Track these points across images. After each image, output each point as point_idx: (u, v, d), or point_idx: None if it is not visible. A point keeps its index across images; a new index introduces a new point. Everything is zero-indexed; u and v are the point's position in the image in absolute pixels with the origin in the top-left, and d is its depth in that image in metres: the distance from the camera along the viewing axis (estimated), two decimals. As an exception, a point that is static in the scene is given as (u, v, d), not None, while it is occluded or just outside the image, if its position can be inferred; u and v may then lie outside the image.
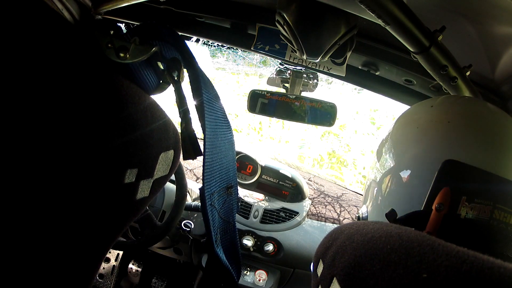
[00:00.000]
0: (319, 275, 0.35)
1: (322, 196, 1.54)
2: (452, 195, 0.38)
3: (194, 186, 1.37)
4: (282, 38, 0.58)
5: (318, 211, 1.43)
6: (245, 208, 1.33)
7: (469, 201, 0.37)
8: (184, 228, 1.19)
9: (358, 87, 0.88)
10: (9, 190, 0.31)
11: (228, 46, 0.79)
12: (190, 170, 1.53)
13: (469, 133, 0.42)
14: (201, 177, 0.47)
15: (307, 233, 1.30)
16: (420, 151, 0.44)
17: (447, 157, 0.40)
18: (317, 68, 0.71)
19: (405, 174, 0.45)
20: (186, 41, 0.60)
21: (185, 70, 0.47)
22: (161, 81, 0.50)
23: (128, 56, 0.41)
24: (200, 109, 0.45)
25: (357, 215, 0.59)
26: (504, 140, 0.42)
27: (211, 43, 0.93)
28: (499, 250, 0.37)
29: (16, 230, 0.33)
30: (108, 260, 1.57)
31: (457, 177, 0.39)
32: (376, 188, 0.51)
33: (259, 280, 1.21)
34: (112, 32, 0.40)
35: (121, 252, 1.55)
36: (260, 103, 0.91)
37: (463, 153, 0.40)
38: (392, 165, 0.47)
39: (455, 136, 0.42)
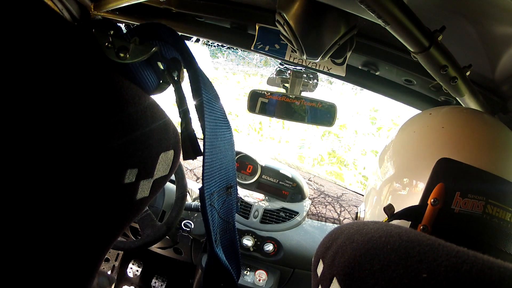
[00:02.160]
0: (319, 275, 0.35)
1: (322, 196, 1.54)
2: (447, 191, 0.40)
3: (194, 186, 1.37)
4: (282, 38, 0.58)
5: (318, 211, 1.43)
6: (245, 208, 1.33)
7: (462, 196, 0.39)
8: (184, 228, 1.20)
9: (358, 87, 0.88)
10: (7, 190, 0.31)
11: (228, 46, 0.79)
12: (190, 170, 1.53)
13: (462, 138, 0.44)
14: (201, 177, 0.47)
15: (307, 233, 1.30)
16: (415, 153, 0.46)
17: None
18: (317, 68, 0.71)
19: (403, 183, 0.46)
20: (186, 41, 0.60)
21: (185, 70, 0.47)
22: (161, 81, 0.50)
23: (128, 56, 0.41)
24: (200, 109, 0.45)
25: (357, 211, 0.61)
26: (496, 144, 0.44)
27: (211, 43, 0.93)
28: (492, 244, 0.39)
29: (15, 230, 0.33)
30: (108, 260, 1.57)
31: (451, 174, 0.41)
32: (375, 197, 0.52)
33: (259, 280, 1.21)
34: (112, 32, 0.40)
35: (121, 252, 1.56)
36: (260, 103, 0.91)
37: (455, 155, 0.42)
38: (392, 172, 0.49)
39: (448, 140, 0.44)
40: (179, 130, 0.48)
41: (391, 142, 0.53)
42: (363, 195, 1.59)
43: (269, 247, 1.22)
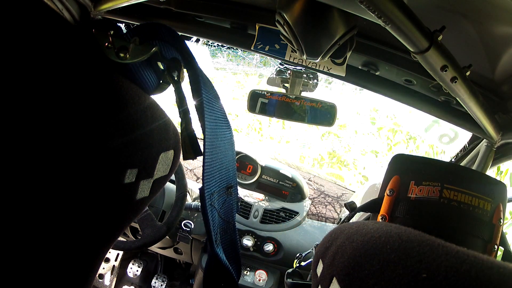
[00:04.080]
0: (319, 275, 0.35)
1: (322, 196, 1.54)
2: (401, 182, 0.43)
3: (194, 186, 1.37)
4: (282, 38, 0.58)
5: (318, 211, 1.43)
6: (245, 208, 1.33)
7: (417, 185, 0.42)
8: (184, 228, 1.20)
9: (358, 87, 0.88)
10: (9, 190, 0.31)
11: (228, 46, 0.79)
12: (190, 170, 1.53)
13: None
14: (201, 177, 0.47)
15: (307, 233, 1.30)
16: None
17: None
18: (317, 68, 0.71)
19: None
20: (186, 41, 0.60)
21: (185, 70, 0.47)
22: (161, 81, 0.50)
23: (128, 56, 0.41)
24: (200, 109, 0.45)
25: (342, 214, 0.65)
26: None
27: (211, 43, 0.93)
28: (456, 226, 0.40)
29: (16, 230, 0.33)
30: (108, 260, 1.57)
31: (404, 166, 0.44)
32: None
33: (259, 280, 1.21)
34: (112, 32, 0.40)
35: (121, 252, 1.55)
36: (260, 103, 0.91)
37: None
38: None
39: None
40: (179, 130, 0.48)
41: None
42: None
43: (269, 247, 1.22)
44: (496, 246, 0.41)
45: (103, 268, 1.56)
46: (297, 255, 0.80)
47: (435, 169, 0.42)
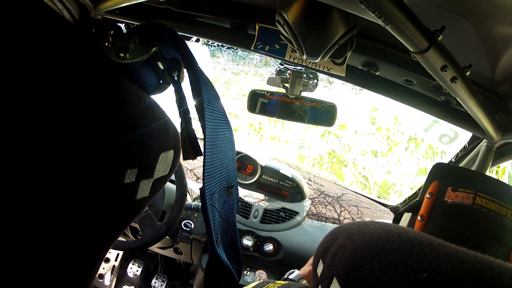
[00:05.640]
0: (319, 275, 0.35)
1: (322, 196, 1.54)
2: (440, 187, 0.48)
3: (194, 186, 1.37)
4: (282, 38, 0.58)
5: (318, 211, 1.43)
6: (245, 208, 1.33)
7: (454, 190, 0.47)
8: (184, 228, 1.20)
9: (358, 87, 0.88)
10: (8, 190, 0.31)
11: (228, 46, 0.79)
12: (190, 170, 1.53)
13: None
14: (201, 177, 0.47)
15: (307, 233, 1.30)
16: None
17: None
18: (317, 68, 0.71)
19: None
20: (186, 41, 0.60)
21: (185, 70, 0.47)
22: (161, 81, 0.50)
23: (128, 56, 0.41)
24: (200, 109, 0.45)
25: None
26: None
27: (211, 43, 0.93)
28: (485, 231, 0.44)
29: (15, 230, 0.33)
30: (108, 260, 1.57)
31: (444, 174, 0.49)
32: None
33: (259, 280, 1.21)
34: (112, 32, 0.40)
35: (121, 252, 1.55)
36: (260, 103, 0.91)
37: None
38: None
39: None
40: (179, 130, 0.48)
41: None
42: (363, 195, 1.59)
43: (269, 247, 1.22)
44: None
45: (103, 268, 1.56)
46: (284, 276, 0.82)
47: (471, 178, 0.48)
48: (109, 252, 1.57)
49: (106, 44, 0.39)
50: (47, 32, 0.32)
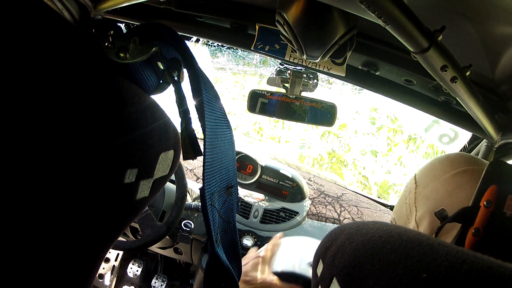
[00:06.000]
0: (318, 275, 0.35)
1: (322, 196, 1.54)
2: (499, 193, 0.37)
3: (194, 186, 1.37)
4: (282, 38, 0.58)
5: (318, 211, 1.43)
6: (245, 208, 1.33)
7: None
8: (184, 228, 1.20)
9: (358, 87, 0.88)
10: (8, 189, 0.31)
11: (228, 46, 0.79)
12: (190, 170, 1.53)
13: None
14: (201, 177, 0.47)
15: (307, 233, 1.30)
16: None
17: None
18: (317, 68, 0.71)
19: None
20: (186, 41, 0.60)
21: (185, 70, 0.47)
22: (161, 81, 0.50)
23: (128, 56, 0.41)
24: (200, 109, 0.45)
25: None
26: None
27: (211, 43, 0.93)
28: None
29: (15, 230, 0.33)
30: (108, 260, 1.57)
31: (504, 176, 0.38)
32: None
33: (259, 280, 1.21)
34: (112, 32, 0.40)
35: (121, 252, 1.56)
36: (260, 103, 0.91)
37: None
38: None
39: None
40: (179, 130, 0.48)
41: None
42: (363, 195, 1.59)
43: (269, 247, 1.22)
44: None
45: (103, 268, 1.56)
46: None
47: None
48: (109, 252, 1.58)
49: (106, 44, 0.39)
50: (47, 32, 0.32)
